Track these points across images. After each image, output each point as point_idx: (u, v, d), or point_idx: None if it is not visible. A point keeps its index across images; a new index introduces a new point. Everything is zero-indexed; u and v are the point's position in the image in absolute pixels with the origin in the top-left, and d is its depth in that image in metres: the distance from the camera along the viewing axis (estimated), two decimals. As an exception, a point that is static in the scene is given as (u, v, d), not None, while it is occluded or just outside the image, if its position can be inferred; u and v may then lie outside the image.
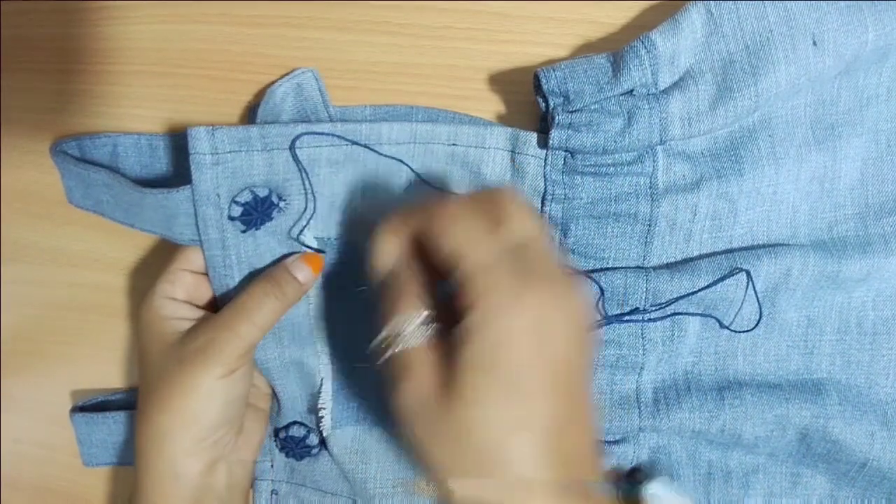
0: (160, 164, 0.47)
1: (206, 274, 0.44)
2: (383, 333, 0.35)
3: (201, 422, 0.41)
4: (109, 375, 0.53)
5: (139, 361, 0.44)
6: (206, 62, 0.48)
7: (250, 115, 0.47)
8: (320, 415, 0.46)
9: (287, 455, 0.48)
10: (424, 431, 0.33)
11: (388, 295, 0.36)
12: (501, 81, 0.46)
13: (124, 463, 0.51)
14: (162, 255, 0.50)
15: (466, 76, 0.46)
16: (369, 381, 0.46)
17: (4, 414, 0.55)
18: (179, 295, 0.44)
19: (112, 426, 0.50)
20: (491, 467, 0.32)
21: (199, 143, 0.40)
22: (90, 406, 0.51)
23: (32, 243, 0.53)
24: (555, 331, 0.32)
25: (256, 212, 0.42)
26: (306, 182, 0.42)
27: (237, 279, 0.43)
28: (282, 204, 0.42)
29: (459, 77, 0.46)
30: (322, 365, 0.46)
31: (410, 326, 0.34)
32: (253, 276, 0.43)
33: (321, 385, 0.46)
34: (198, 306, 0.44)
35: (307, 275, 0.42)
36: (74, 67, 0.49)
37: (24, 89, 0.51)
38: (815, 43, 0.39)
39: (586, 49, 0.45)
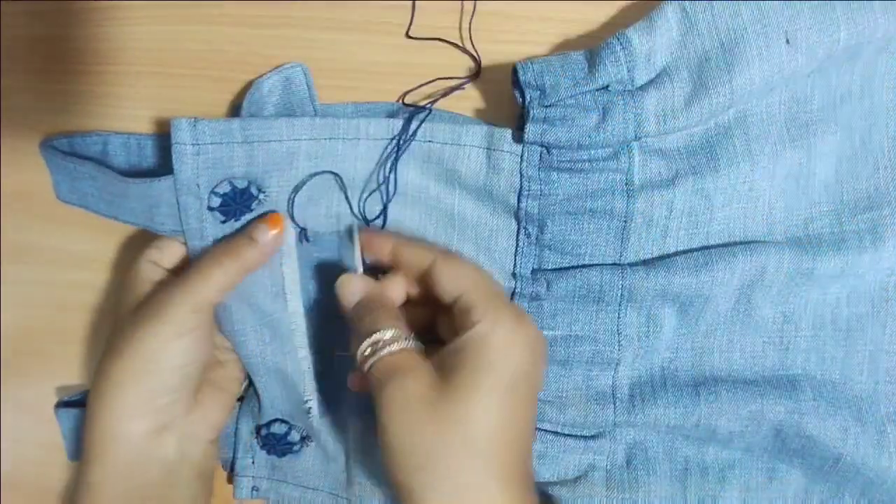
0: (147, 163, 0.48)
1: None
2: (370, 340, 0.38)
3: (150, 379, 0.41)
4: (107, 376, 0.54)
5: (112, 321, 0.45)
6: (206, 63, 0.48)
7: (235, 112, 0.47)
8: (307, 405, 0.46)
9: (268, 452, 0.48)
10: (414, 421, 0.36)
11: (367, 313, 0.40)
12: (501, 82, 0.46)
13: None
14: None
15: (465, 76, 0.47)
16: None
17: (4, 414, 0.55)
18: (166, 263, 0.45)
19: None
20: (475, 458, 0.35)
21: (181, 134, 0.41)
22: (75, 401, 0.51)
23: (32, 244, 0.53)
24: (539, 351, 0.38)
25: (235, 203, 0.43)
26: (288, 174, 0.43)
27: None
28: (261, 196, 0.43)
29: (458, 78, 0.47)
30: (303, 360, 0.46)
31: (395, 335, 0.38)
32: None
33: (304, 382, 0.46)
34: None
35: (264, 235, 0.42)
36: (75, 68, 0.50)
37: (25, 90, 0.51)
38: (787, 41, 0.40)
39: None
